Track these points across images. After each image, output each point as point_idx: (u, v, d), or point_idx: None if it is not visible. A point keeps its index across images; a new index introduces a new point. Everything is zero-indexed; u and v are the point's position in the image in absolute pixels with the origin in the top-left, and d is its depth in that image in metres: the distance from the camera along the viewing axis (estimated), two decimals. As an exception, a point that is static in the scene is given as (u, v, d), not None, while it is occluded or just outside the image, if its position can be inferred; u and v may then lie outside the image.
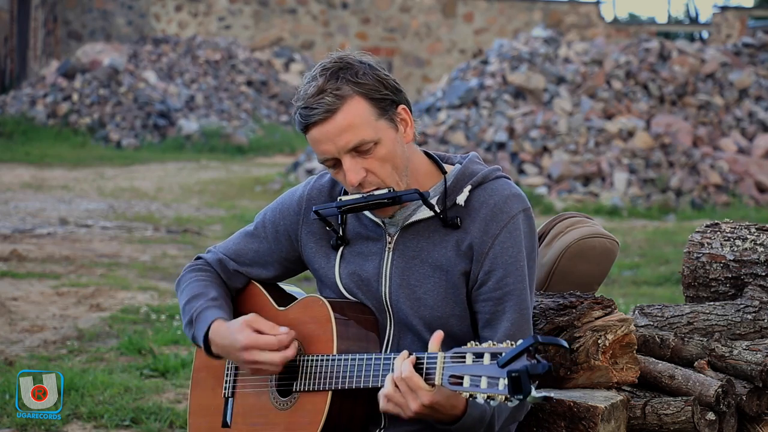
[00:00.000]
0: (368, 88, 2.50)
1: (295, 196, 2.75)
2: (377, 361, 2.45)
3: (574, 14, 28.63)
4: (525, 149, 13.86)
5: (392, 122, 2.53)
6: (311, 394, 2.56)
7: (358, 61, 2.52)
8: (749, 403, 2.85)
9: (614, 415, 2.66)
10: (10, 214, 11.32)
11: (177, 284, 2.82)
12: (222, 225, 10.98)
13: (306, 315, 2.63)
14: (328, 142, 2.50)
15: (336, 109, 2.48)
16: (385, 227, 2.63)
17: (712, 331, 3.05)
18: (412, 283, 2.59)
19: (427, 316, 2.58)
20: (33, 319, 6.53)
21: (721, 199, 13.27)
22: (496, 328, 2.54)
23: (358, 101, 2.49)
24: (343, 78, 2.49)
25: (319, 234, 2.69)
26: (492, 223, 2.54)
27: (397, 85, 2.56)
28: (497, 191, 2.58)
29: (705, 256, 3.16)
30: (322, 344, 2.57)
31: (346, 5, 28.21)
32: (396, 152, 2.53)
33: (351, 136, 2.48)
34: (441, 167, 2.64)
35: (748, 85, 15.43)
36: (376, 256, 2.62)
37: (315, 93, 2.48)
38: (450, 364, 2.28)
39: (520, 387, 2.12)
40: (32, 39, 26.61)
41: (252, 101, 23.25)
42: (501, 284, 2.54)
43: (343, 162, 2.51)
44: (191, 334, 2.70)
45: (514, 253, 2.54)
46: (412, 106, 2.61)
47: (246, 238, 2.78)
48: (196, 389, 2.83)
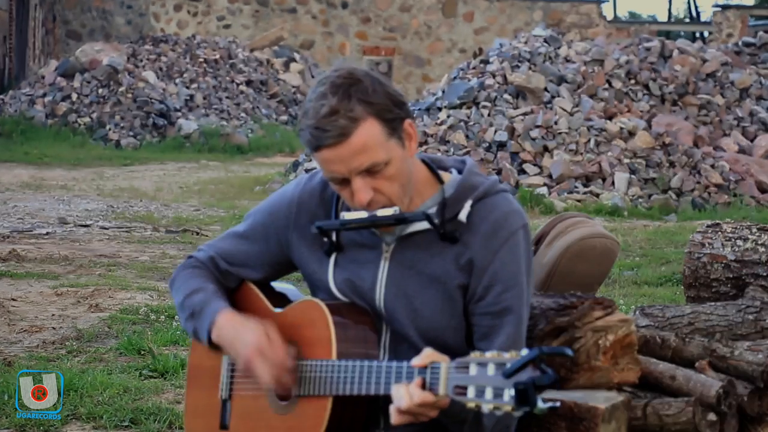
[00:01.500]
0: (380, 108, 2.46)
1: (285, 198, 2.72)
2: (379, 369, 2.44)
3: (574, 14, 28.64)
4: (525, 149, 13.85)
5: (400, 140, 2.51)
6: (311, 399, 2.54)
7: (365, 75, 2.48)
8: (750, 403, 2.84)
9: (615, 415, 2.65)
10: (8, 214, 11.31)
11: (171, 283, 2.80)
12: (221, 225, 10.97)
13: (303, 318, 2.61)
14: (340, 164, 2.47)
15: (349, 133, 2.43)
16: (381, 236, 2.61)
17: (714, 331, 3.04)
18: (409, 293, 2.58)
19: (424, 327, 2.57)
20: (32, 319, 6.52)
21: (722, 199, 13.26)
22: (492, 342, 2.54)
23: (371, 123, 2.45)
24: (354, 97, 2.44)
25: (311, 237, 2.67)
26: (492, 239, 2.54)
27: (401, 97, 2.53)
28: (498, 207, 2.57)
29: (706, 257, 3.15)
30: (321, 348, 2.55)
31: (346, 5, 28.21)
32: (403, 170, 2.51)
33: (364, 159, 2.45)
34: (437, 176, 2.62)
35: (749, 84, 15.42)
36: (372, 264, 2.61)
37: (327, 114, 2.43)
38: (454, 374, 2.28)
39: (527, 399, 2.12)
40: (31, 38, 26.63)
41: (251, 101, 23.25)
42: (500, 299, 2.54)
43: (353, 182, 2.48)
44: (192, 327, 2.68)
45: (513, 269, 2.54)
46: (412, 111, 2.59)
47: (236, 240, 2.76)
48: (191, 389, 2.81)
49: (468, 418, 2.47)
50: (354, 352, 2.54)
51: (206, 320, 2.64)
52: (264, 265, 2.74)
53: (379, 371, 2.43)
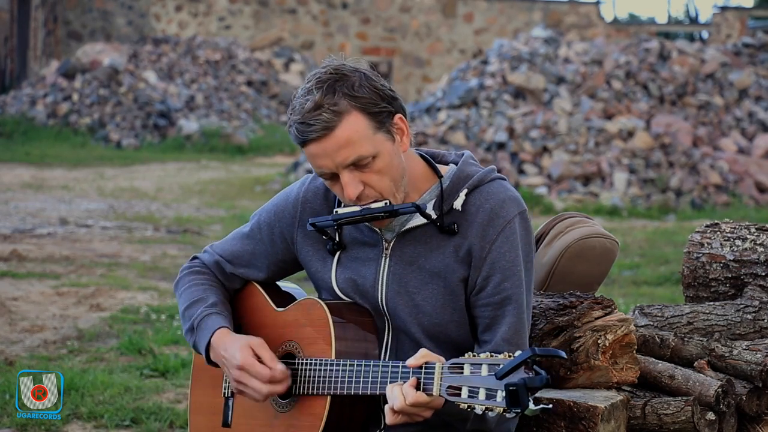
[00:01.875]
0: (365, 102, 2.47)
1: (290, 197, 2.73)
2: (375, 368, 2.45)
3: (574, 14, 28.63)
4: (525, 149, 13.86)
5: (389, 134, 2.51)
6: (310, 397, 2.56)
7: (353, 71, 2.49)
8: (749, 403, 2.85)
9: (614, 415, 2.66)
10: (10, 214, 11.32)
11: (175, 286, 2.82)
12: (222, 225, 10.98)
13: (304, 317, 2.63)
14: (326, 158, 2.48)
15: (334, 126, 2.45)
16: (381, 233, 2.62)
17: (712, 331, 3.05)
18: (410, 289, 2.58)
19: (426, 323, 2.58)
20: (33, 319, 6.53)
21: (721, 199, 13.27)
22: (495, 332, 2.54)
23: (355, 117, 2.46)
24: (339, 92, 2.45)
25: (316, 237, 2.68)
26: (489, 228, 2.54)
27: (393, 93, 2.53)
28: (493, 194, 2.57)
29: (705, 256, 3.16)
30: (321, 347, 2.57)
31: (346, 5, 28.20)
32: (393, 164, 2.51)
33: (349, 152, 2.46)
34: (436, 170, 2.62)
35: (748, 85, 15.42)
36: (373, 261, 2.61)
37: (312, 108, 2.45)
38: (448, 374, 2.29)
39: (518, 400, 2.13)
40: (32, 39, 26.61)
41: (252, 101, 23.24)
42: (499, 289, 2.54)
43: (341, 176, 2.49)
44: (192, 340, 2.70)
45: (511, 258, 2.54)
46: (408, 109, 2.59)
47: (242, 240, 2.77)
48: (196, 387, 2.84)
49: (470, 415, 2.47)
50: (353, 352, 2.55)
51: (203, 339, 2.66)
52: (269, 264, 2.75)
53: (375, 371, 2.45)
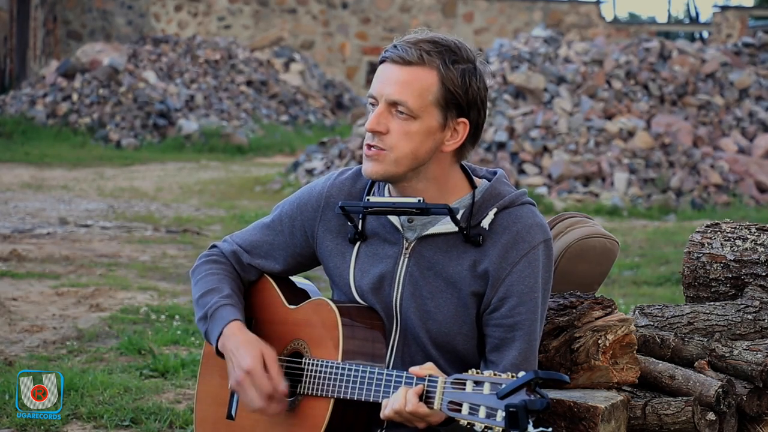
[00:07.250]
0: (449, 80, 2.50)
1: (314, 191, 2.73)
2: (380, 376, 2.45)
3: (574, 14, 28.63)
4: (525, 149, 13.86)
5: (443, 120, 2.52)
6: (314, 398, 2.56)
7: (465, 60, 2.53)
8: (749, 403, 2.85)
9: (614, 415, 2.66)
10: (9, 214, 11.32)
11: (192, 273, 2.81)
12: (222, 225, 10.98)
13: (314, 317, 2.63)
14: (382, 83, 2.53)
15: (411, 64, 2.50)
16: (403, 231, 2.61)
17: (713, 331, 3.04)
18: (423, 294, 2.58)
19: (434, 331, 2.57)
20: (33, 319, 6.53)
21: (721, 199, 13.27)
22: (503, 355, 2.54)
23: (432, 77, 2.50)
24: (440, 55, 2.50)
25: (336, 231, 2.68)
26: (512, 250, 2.53)
27: (481, 105, 2.54)
28: (522, 218, 2.57)
29: (705, 256, 3.16)
30: (328, 349, 2.57)
31: (346, 5, 28.21)
32: (422, 142, 2.52)
33: (398, 90, 2.50)
34: (472, 181, 2.62)
35: (749, 84, 15.42)
36: (391, 259, 2.61)
37: (413, 41, 2.52)
38: (450, 389, 2.29)
39: (517, 422, 2.13)
40: (32, 39, 26.62)
41: (252, 101, 23.23)
42: (513, 312, 2.53)
43: (377, 106, 2.53)
44: (204, 329, 2.69)
45: (530, 284, 2.53)
46: (480, 134, 2.58)
47: (262, 230, 2.77)
48: (204, 375, 2.83)
49: None
50: (360, 355, 2.55)
51: (216, 329, 2.65)
52: (287, 257, 2.75)
53: (380, 378, 2.45)
